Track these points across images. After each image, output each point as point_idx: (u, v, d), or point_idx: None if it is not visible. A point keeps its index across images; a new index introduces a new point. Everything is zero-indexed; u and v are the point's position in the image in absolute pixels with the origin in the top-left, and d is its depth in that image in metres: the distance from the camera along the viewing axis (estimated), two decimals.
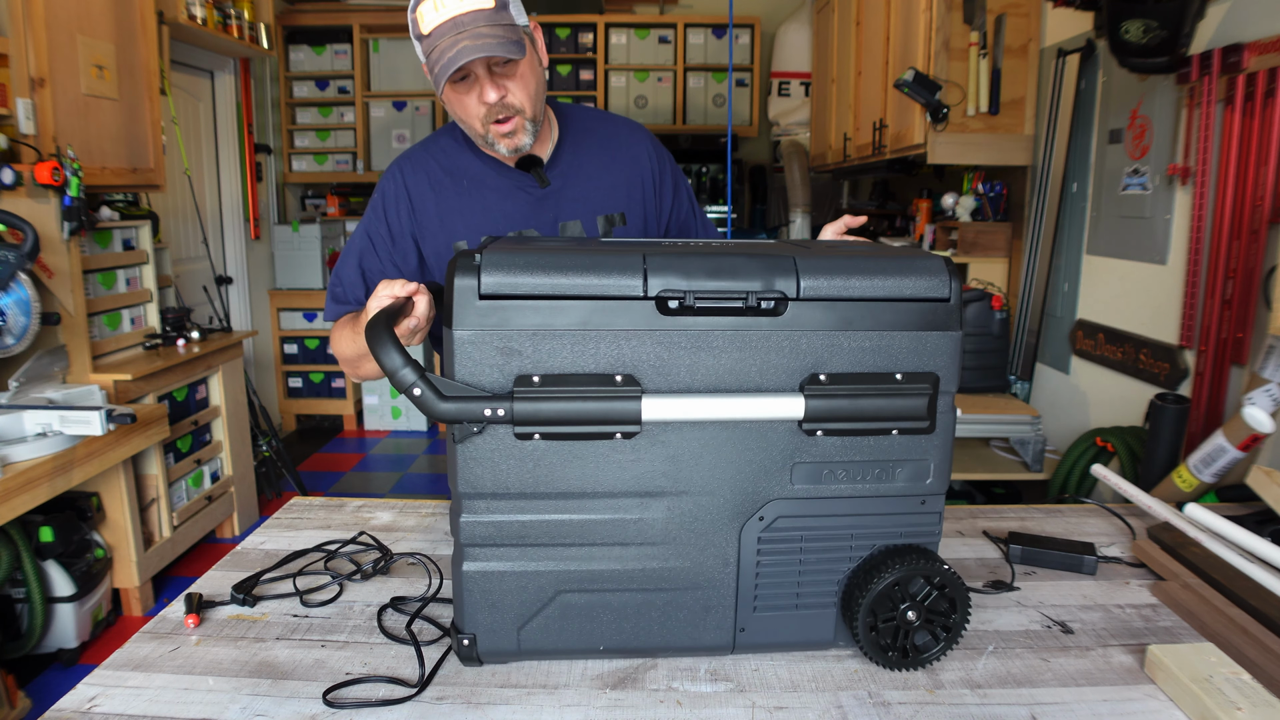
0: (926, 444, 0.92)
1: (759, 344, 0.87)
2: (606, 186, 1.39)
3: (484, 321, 0.84)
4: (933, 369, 0.90)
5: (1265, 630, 1.01)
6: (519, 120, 1.25)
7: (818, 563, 0.94)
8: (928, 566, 0.91)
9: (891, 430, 0.91)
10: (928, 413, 0.90)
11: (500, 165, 1.35)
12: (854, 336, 0.88)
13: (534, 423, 0.85)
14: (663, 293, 0.86)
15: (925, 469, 0.93)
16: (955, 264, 0.93)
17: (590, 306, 0.85)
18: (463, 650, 0.93)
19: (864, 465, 0.92)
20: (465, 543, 0.90)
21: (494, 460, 0.87)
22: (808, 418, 0.88)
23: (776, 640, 0.97)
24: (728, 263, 0.88)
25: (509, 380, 0.86)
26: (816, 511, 0.93)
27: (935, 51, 3.00)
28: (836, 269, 0.88)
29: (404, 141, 5.42)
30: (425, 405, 0.83)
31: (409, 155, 1.38)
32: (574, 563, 0.91)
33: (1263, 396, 1.67)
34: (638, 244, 0.98)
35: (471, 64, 1.18)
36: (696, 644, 0.95)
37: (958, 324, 0.90)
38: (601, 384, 0.86)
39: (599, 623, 0.93)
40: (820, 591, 0.95)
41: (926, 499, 0.94)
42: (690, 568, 0.92)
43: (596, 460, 0.88)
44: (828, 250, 0.96)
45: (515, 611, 0.92)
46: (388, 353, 0.84)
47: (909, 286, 0.89)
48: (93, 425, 2.42)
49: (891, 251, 0.95)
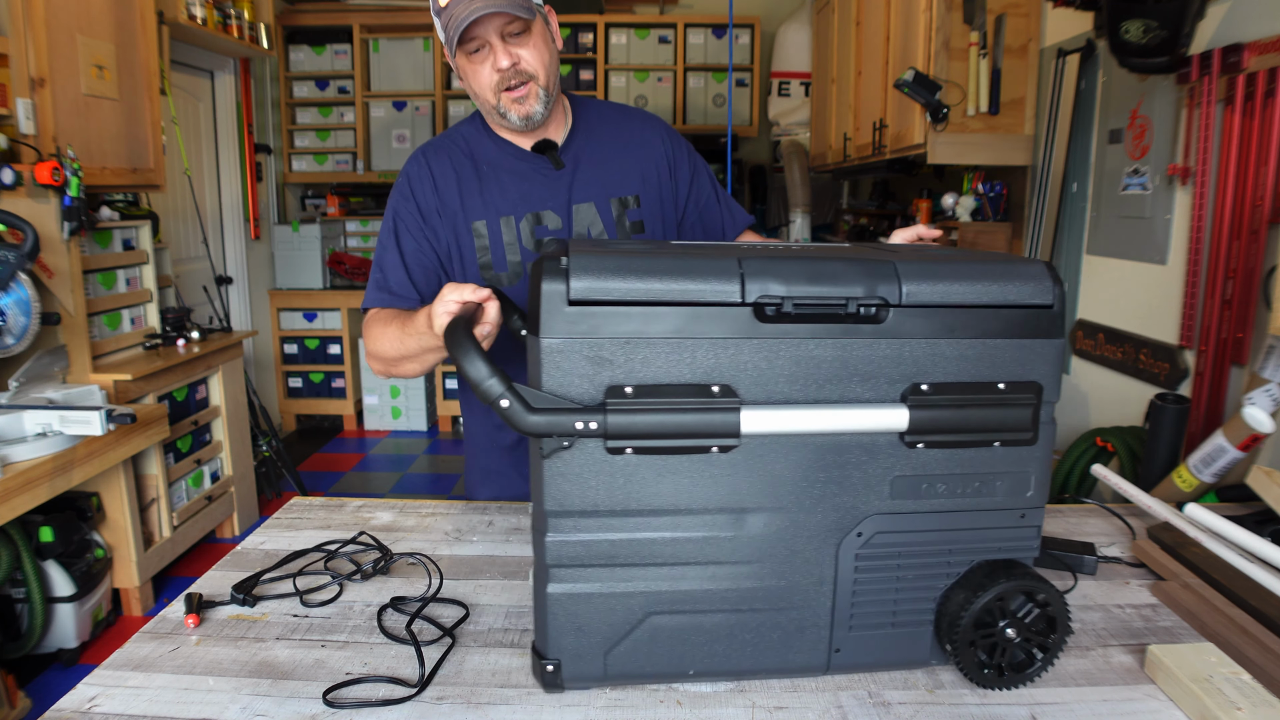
0: (1028, 456, 0.89)
1: (860, 352, 0.84)
2: (619, 170, 1.42)
3: (573, 328, 0.80)
4: (1035, 378, 0.87)
5: (1265, 630, 1.01)
6: (532, 86, 1.28)
7: (915, 579, 0.90)
8: (1031, 583, 0.87)
9: (994, 442, 0.87)
10: (1031, 423, 0.87)
11: (517, 149, 1.39)
12: (956, 344, 0.85)
13: (628, 436, 0.81)
14: (761, 299, 0.82)
15: (1026, 481, 0.90)
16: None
17: (685, 313, 0.81)
18: (547, 677, 0.88)
19: (964, 478, 0.88)
20: (551, 564, 0.86)
21: (583, 476, 0.83)
22: (911, 429, 0.84)
23: (872, 660, 0.93)
24: (827, 268, 0.84)
25: (599, 391, 0.81)
26: (915, 527, 0.89)
27: (935, 51, 3.00)
28: (939, 274, 0.85)
29: (404, 142, 5.42)
30: (513, 418, 0.79)
31: (431, 143, 1.42)
32: (665, 583, 0.87)
33: (1263, 396, 1.67)
34: (729, 248, 0.93)
35: (485, 32, 1.23)
36: (789, 666, 0.91)
37: (1061, 331, 0.87)
38: (698, 395, 0.82)
39: (690, 645, 0.89)
40: (917, 609, 0.91)
41: (1026, 512, 0.91)
42: (785, 587, 0.89)
43: (691, 475, 0.84)
44: (915, 254, 0.92)
45: (602, 635, 0.87)
46: (472, 361, 0.80)
47: (1012, 292, 0.85)
48: (93, 425, 2.42)
49: (979, 256, 0.93)
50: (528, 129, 1.34)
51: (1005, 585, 0.87)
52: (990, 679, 0.90)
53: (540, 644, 0.89)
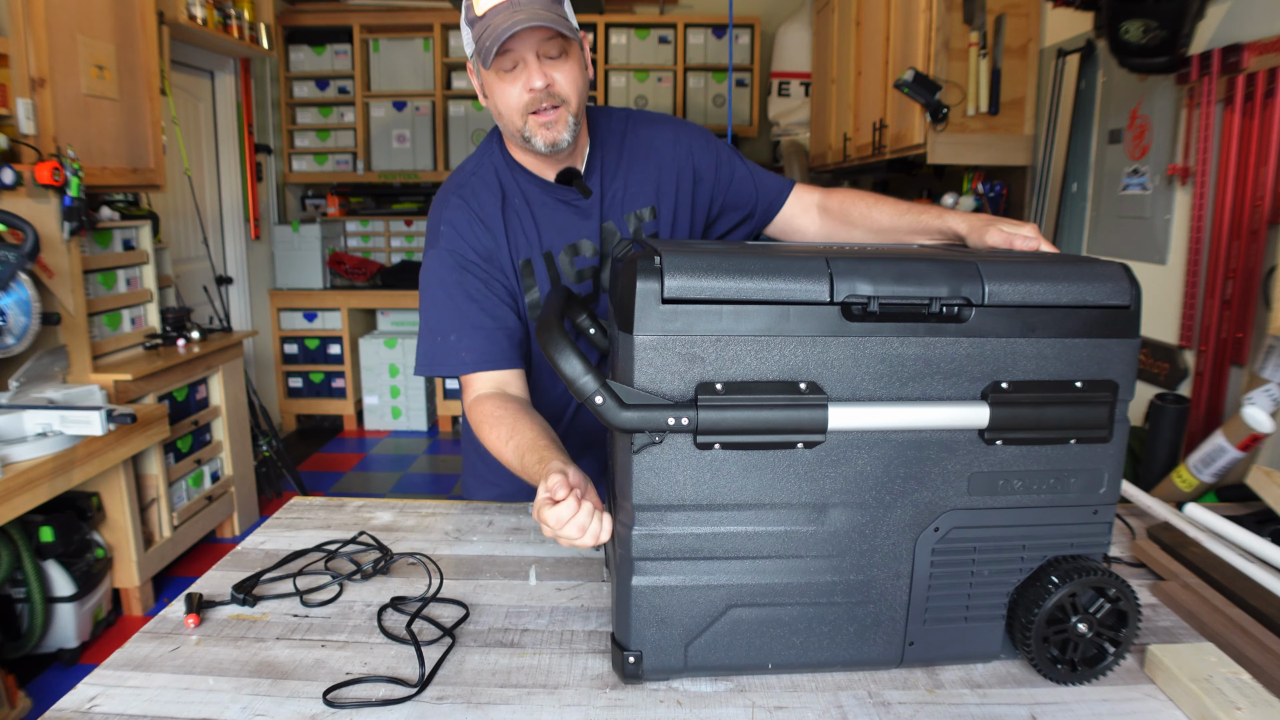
0: (1103, 453, 0.90)
1: (943, 351, 0.86)
2: (635, 184, 1.37)
3: (666, 326, 0.82)
4: (1112, 376, 0.89)
5: (1265, 630, 1.01)
6: (562, 112, 1.22)
7: (990, 574, 0.92)
8: (1103, 578, 0.89)
9: (1070, 439, 0.89)
10: (1107, 421, 0.88)
11: (543, 182, 1.33)
12: (1036, 344, 0.87)
13: (718, 432, 0.83)
14: (849, 298, 0.84)
15: (1100, 478, 0.91)
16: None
17: (774, 311, 0.83)
18: (628, 668, 0.90)
19: (1040, 475, 0.90)
20: (637, 557, 0.87)
21: (671, 471, 0.85)
22: (991, 426, 0.86)
23: (944, 653, 0.94)
24: (913, 268, 0.86)
25: (689, 387, 0.83)
26: (991, 522, 0.91)
27: (935, 51, 3.00)
28: (1020, 275, 0.86)
29: (404, 141, 5.42)
30: (606, 414, 0.81)
31: (460, 184, 1.33)
32: (746, 576, 0.89)
33: (1263, 396, 1.67)
34: (816, 248, 0.95)
35: (523, 48, 1.17)
36: (864, 658, 0.93)
37: (1136, 331, 0.89)
38: (787, 392, 0.84)
39: (769, 638, 0.91)
40: (990, 604, 0.93)
41: (1099, 509, 0.92)
42: (864, 580, 0.90)
43: (775, 471, 0.86)
44: (990, 256, 0.94)
45: (684, 627, 0.89)
46: (567, 359, 0.82)
47: (1091, 293, 0.87)
48: (93, 425, 2.42)
49: (1056, 258, 0.94)
50: (551, 154, 1.27)
51: (1081, 581, 0.89)
52: (1063, 674, 0.91)
53: (622, 636, 0.91)
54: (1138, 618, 0.91)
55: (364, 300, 5.27)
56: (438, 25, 5.28)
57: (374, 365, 5.24)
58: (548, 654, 0.98)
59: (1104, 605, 0.90)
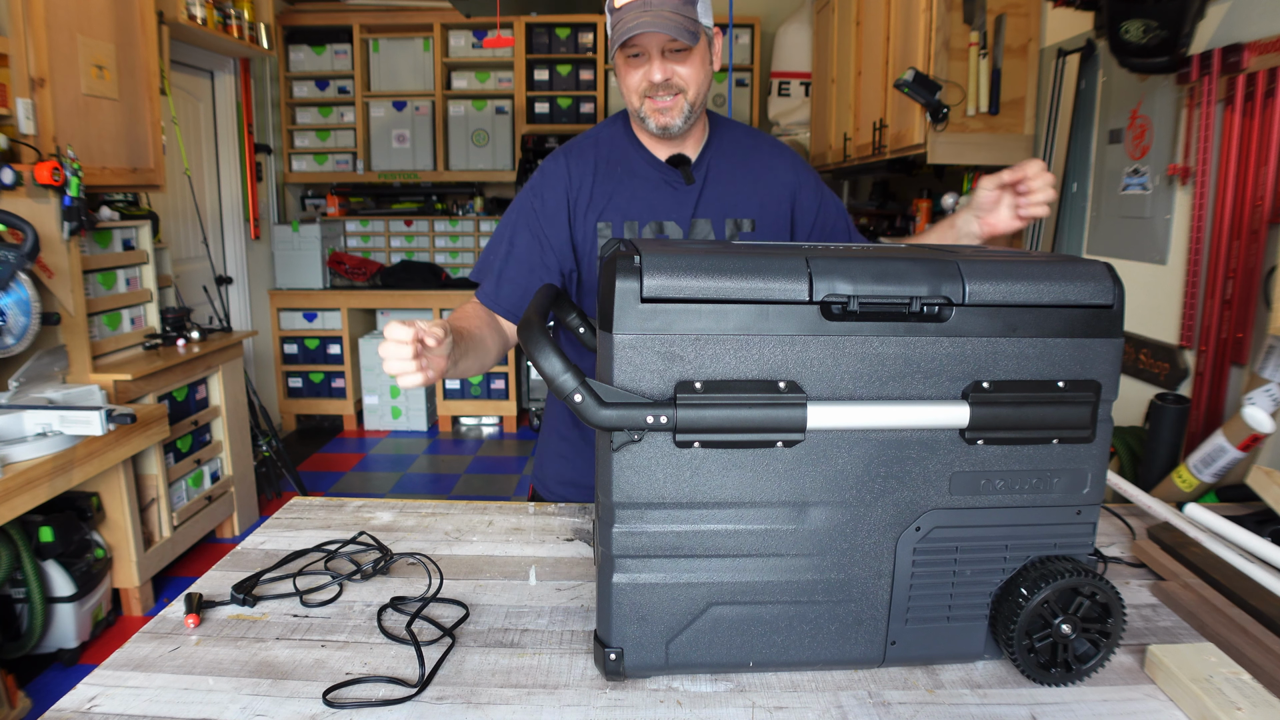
0: (1085, 453, 0.90)
1: (923, 350, 0.86)
2: (742, 194, 1.45)
3: (645, 325, 0.82)
4: (1094, 376, 0.88)
5: (1265, 630, 1.01)
6: (679, 100, 1.33)
7: (972, 574, 0.92)
8: (1075, 580, 0.88)
9: (1052, 439, 0.89)
10: (1090, 421, 0.88)
11: (652, 158, 1.43)
12: (1017, 343, 0.87)
13: (697, 430, 0.83)
14: (828, 297, 0.84)
15: (1083, 478, 0.91)
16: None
17: (753, 311, 0.83)
18: (609, 665, 0.90)
19: (1022, 475, 0.90)
20: (617, 554, 0.88)
21: (650, 469, 0.85)
22: (972, 426, 0.86)
23: (926, 653, 0.94)
24: (892, 267, 0.86)
25: (669, 386, 0.84)
26: (973, 522, 0.90)
27: (935, 51, 3.00)
28: (1001, 274, 0.86)
29: (404, 141, 5.42)
30: (585, 412, 0.81)
31: (574, 143, 1.47)
32: (727, 574, 0.89)
33: (1263, 396, 1.67)
34: (794, 248, 0.95)
35: (647, 44, 1.29)
36: (845, 657, 0.93)
37: (1120, 331, 0.89)
38: (765, 390, 0.84)
39: (750, 636, 0.91)
40: (972, 604, 0.93)
41: (1083, 509, 0.92)
42: (845, 579, 0.90)
43: (755, 469, 0.86)
44: (974, 255, 0.94)
45: (665, 625, 0.90)
46: (546, 357, 0.82)
47: (1073, 292, 0.87)
48: (93, 425, 2.42)
49: (1039, 257, 0.94)
50: (663, 138, 1.39)
51: (1053, 586, 0.88)
52: (1056, 677, 0.91)
53: (603, 633, 0.91)
54: (1121, 607, 0.90)
55: (364, 300, 5.28)
56: (437, 25, 5.28)
57: (374, 365, 5.24)
58: (548, 654, 0.98)
59: (1083, 603, 0.90)
